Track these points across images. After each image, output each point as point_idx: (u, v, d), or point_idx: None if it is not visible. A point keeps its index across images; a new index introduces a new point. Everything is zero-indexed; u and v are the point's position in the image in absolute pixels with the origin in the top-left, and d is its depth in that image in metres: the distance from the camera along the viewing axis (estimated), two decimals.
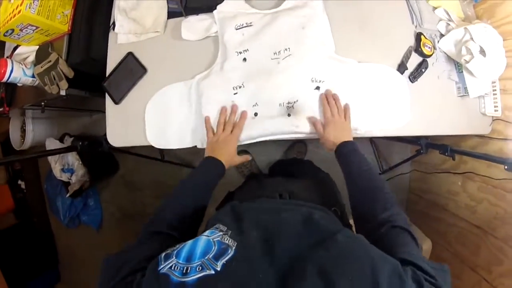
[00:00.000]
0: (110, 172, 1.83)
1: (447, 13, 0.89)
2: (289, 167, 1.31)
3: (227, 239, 0.35)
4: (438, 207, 1.26)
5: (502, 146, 0.93)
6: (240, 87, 0.77)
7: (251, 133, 0.75)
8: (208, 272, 0.30)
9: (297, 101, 0.76)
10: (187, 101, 0.82)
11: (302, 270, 0.31)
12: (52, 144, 1.49)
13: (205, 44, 0.85)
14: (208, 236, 0.36)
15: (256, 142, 0.78)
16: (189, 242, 0.35)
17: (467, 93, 0.86)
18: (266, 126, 0.75)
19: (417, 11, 0.87)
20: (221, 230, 0.37)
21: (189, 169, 1.67)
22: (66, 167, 1.52)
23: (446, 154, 0.91)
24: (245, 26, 0.81)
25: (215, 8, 0.83)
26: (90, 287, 1.96)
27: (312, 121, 0.74)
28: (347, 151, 0.65)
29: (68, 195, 1.58)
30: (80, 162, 1.48)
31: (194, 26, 0.85)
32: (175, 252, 0.34)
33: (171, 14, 0.88)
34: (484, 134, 0.92)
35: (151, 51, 0.88)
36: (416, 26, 0.87)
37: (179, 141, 0.83)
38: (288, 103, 0.76)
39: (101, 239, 1.96)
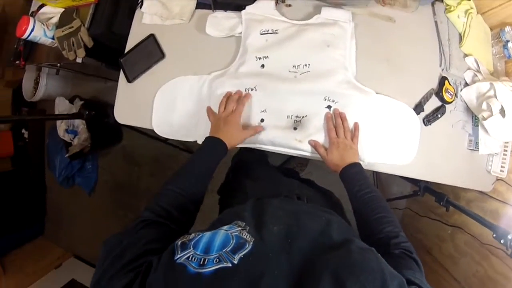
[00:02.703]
0: (113, 141, 1.84)
1: (477, 63, 0.86)
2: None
3: (245, 234, 0.36)
4: (423, 249, 1.26)
5: (498, 208, 0.92)
6: (252, 89, 0.77)
7: (252, 138, 0.75)
8: (225, 264, 0.31)
9: (305, 116, 0.75)
10: (197, 96, 0.82)
11: (317, 273, 0.32)
12: (61, 103, 1.50)
13: (227, 42, 0.84)
14: (226, 230, 0.36)
15: None
16: (207, 234, 0.35)
17: (477, 148, 0.84)
18: (270, 135, 0.75)
19: (447, 55, 0.85)
20: (239, 226, 0.38)
21: (189, 154, 1.69)
22: (71, 128, 1.54)
23: (441, 203, 0.90)
24: (270, 33, 0.80)
25: (244, 8, 0.82)
26: (71, 245, 2.04)
27: (313, 144, 0.73)
28: (351, 173, 0.65)
29: (67, 155, 1.61)
30: (85, 127, 1.49)
31: (219, 22, 0.83)
32: (192, 242, 0.34)
33: (200, 5, 0.87)
34: (484, 191, 0.91)
35: (173, 38, 0.88)
36: (442, 69, 0.85)
37: (181, 133, 0.83)
38: (297, 116, 0.76)
39: (91, 203, 2.01)
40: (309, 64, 0.76)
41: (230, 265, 0.31)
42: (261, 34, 0.79)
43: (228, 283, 0.30)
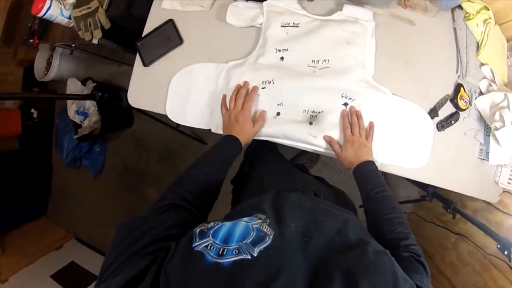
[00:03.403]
0: (123, 125, 1.83)
1: (492, 73, 0.86)
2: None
3: (265, 227, 0.36)
4: (425, 255, 1.25)
5: (503, 220, 0.92)
6: (269, 82, 0.76)
7: (267, 130, 0.75)
8: (244, 256, 0.31)
9: (322, 111, 0.75)
10: (214, 84, 0.82)
11: (330, 272, 0.32)
12: (73, 84, 1.51)
13: (247, 32, 0.84)
14: (247, 222, 0.36)
15: None
16: (228, 223, 0.35)
17: (488, 158, 0.84)
18: (284, 129, 0.75)
19: (464, 63, 0.85)
20: (260, 218, 0.38)
21: (199, 143, 1.69)
22: (81, 110, 1.54)
23: (448, 210, 0.89)
24: (291, 26, 0.80)
25: None
26: (73, 227, 2.04)
27: (328, 140, 0.73)
28: (366, 171, 0.65)
29: (75, 137, 1.61)
30: (96, 109, 1.49)
31: (240, 12, 0.83)
32: (211, 231, 0.34)
33: None
34: (490, 202, 0.91)
35: (192, 25, 0.88)
36: (459, 76, 0.85)
37: (195, 121, 0.83)
38: (313, 111, 0.76)
39: (96, 186, 2.01)
40: (328, 60, 0.76)
41: (250, 257, 0.31)
42: (282, 26, 0.79)
43: (247, 275, 0.30)
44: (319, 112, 0.75)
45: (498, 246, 0.78)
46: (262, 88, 0.76)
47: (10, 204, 1.76)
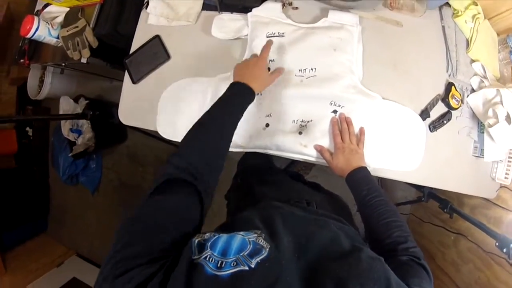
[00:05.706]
0: (117, 141, 1.85)
1: (484, 69, 0.86)
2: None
3: (261, 240, 0.36)
4: (426, 255, 1.24)
5: (502, 215, 0.92)
6: (257, 94, 0.76)
7: (257, 142, 0.75)
8: (242, 268, 0.31)
9: (311, 120, 0.75)
10: (202, 98, 0.81)
11: (323, 282, 0.32)
12: (66, 102, 1.51)
13: (233, 45, 0.84)
14: (243, 235, 0.37)
15: None
16: (225, 236, 0.36)
17: (483, 155, 0.84)
18: (275, 140, 0.74)
19: (454, 61, 0.84)
20: (255, 233, 0.38)
21: None
22: (75, 128, 1.55)
23: (445, 210, 0.89)
24: (277, 36, 0.79)
25: (250, 10, 0.82)
26: (74, 243, 2.04)
27: (318, 149, 0.73)
28: (358, 178, 0.64)
29: (70, 154, 1.61)
30: (90, 126, 1.49)
31: (225, 24, 0.83)
32: (209, 243, 0.34)
33: (206, 7, 0.87)
34: (488, 198, 0.90)
35: (178, 40, 0.88)
36: (449, 75, 0.85)
37: None
38: (302, 121, 0.75)
39: (94, 202, 2.02)
40: (315, 68, 0.76)
41: (247, 268, 0.31)
42: (267, 37, 0.79)
43: (245, 286, 0.30)
44: (308, 121, 0.75)
45: (497, 244, 0.78)
46: None
47: (9, 222, 1.77)
